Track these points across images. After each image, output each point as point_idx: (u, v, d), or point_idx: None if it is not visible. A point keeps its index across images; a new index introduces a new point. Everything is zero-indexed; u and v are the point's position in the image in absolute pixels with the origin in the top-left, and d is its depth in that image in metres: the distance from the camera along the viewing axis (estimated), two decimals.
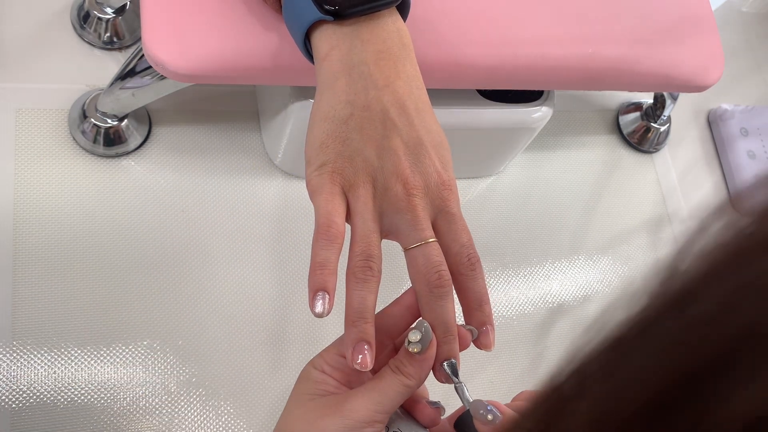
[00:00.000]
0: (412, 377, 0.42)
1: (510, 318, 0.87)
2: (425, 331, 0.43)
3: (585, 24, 0.68)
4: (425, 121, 0.47)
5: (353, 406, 0.41)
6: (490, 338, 0.46)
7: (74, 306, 0.71)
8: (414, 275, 0.45)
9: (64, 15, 0.82)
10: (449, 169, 0.47)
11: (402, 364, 0.43)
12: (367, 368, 0.42)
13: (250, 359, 0.75)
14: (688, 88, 0.75)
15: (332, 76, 0.46)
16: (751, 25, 1.20)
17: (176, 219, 0.78)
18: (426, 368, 0.43)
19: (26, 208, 0.73)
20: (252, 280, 0.78)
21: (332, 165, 0.45)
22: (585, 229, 0.95)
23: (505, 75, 0.66)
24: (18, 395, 0.67)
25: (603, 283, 0.93)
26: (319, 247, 0.43)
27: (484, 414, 0.41)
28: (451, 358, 0.44)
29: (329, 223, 0.44)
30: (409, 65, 0.48)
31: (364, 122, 0.45)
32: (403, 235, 0.45)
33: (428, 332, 0.43)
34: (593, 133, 1.01)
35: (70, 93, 0.78)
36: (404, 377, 0.42)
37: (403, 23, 0.49)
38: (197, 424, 0.71)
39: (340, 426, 0.41)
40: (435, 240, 0.45)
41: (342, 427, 0.41)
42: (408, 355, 0.43)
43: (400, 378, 0.42)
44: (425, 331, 0.43)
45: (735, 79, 1.14)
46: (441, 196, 0.46)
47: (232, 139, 0.83)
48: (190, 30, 0.57)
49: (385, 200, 0.45)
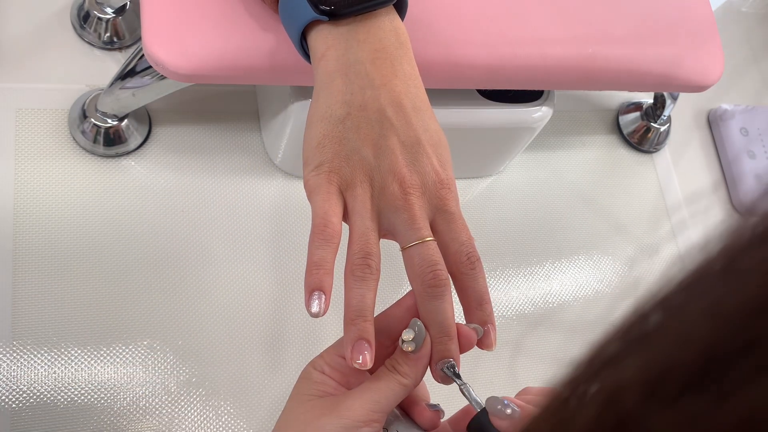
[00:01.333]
0: (408, 376, 0.42)
1: (510, 318, 0.87)
2: (418, 330, 0.43)
3: (585, 24, 0.68)
4: (423, 120, 0.47)
5: (349, 406, 0.41)
6: (491, 338, 0.46)
7: (74, 306, 0.71)
8: (411, 274, 0.45)
9: (64, 15, 0.82)
10: (448, 168, 0.47)
11: (397, 363, 0.43)
12: (367, 367, 0.41)
13: (250, 359, 0.75)
14: (688, 88, 0.75)
15: (329, 76, 0.46)
16: (751, 25, 1.20)
17: (176, 219, 0.78)
18: (421, 367, 0.43)
19: (26, 208, 0.73)
20: (252, 280, 0.78)
21: (329, 165, 0.45)
22: (585, 229, 0.95)
23: (505, 75, 0.66)
24: (18, 395, 0.67)
25: (603, 283, 0.93)
26: (315, 247, 0.43)
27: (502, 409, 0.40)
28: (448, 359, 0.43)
29: (326, 222, 0.44)
30: (406, 64, 0.48)
31: (360, 122, 0.45)
32: (401, 235, 0.45)
33: (421, 331, 0.43)
34: (593, 133, 1.01)
35: (70, 93, 0.78)
36: (400, 376, 0.42)
37: (400, 22, 0.49)
38: (197, 424, 0.71)
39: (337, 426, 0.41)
40: (432, 239, 0.45)
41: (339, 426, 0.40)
42: (403, 354, 0.43)
43: (396, 377, 0.42)
44: (418, 329, 0.43)
45: (735, 79, 1.14)
46: (439, 195, 0.46)
47: (232, 139, 0.83)
48: (190, 30, 0.57)
49: (383, 199, 0.45)
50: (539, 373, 0.85)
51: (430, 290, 0.43)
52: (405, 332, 0.43)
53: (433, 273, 0.43)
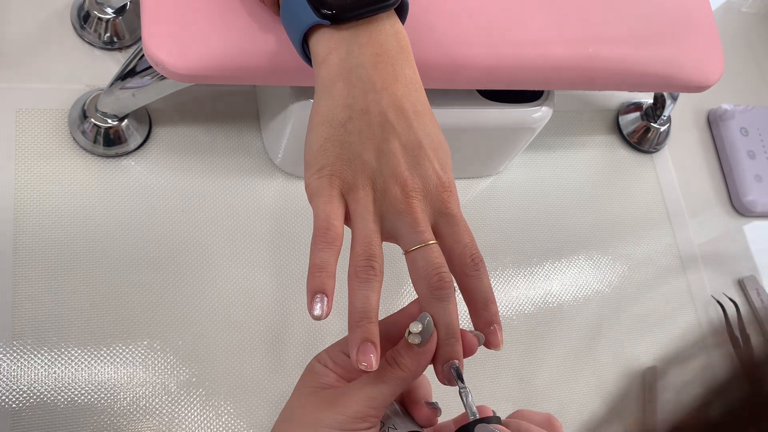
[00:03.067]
0: (408, 369, 0.43)
1: (510, 318, 0.87)
2: (427, 324, 0.43)
3: (585, 24, 0.68)
4: (424, 123, 0.47)
5: (346, 401, 0.41)
6: (498, 338, 0.46)
7: (74, 306, 0.71)
8: (415, 278, 0.45)
9: (64, 15, 0.82)
10: (449, 171, 0.47)
11: (399, 355, 0.43)
12: (373, 369, 0.41)
13: (250, 359, 0.75)
14: (688, 88, 0.75)
15: (330, 80, 0.46)
16: (751, 25, 1.20)
17: (176, 219, 0.78)
18: (423, 362, 0.43)
19: (26, 208, 0.73)
20: (252, 280, 0.78)
21: (331, 168, 0.45)
22: (585, 229, 0.95)
23: (505, 75, 0.66)
24: (18, 395, 0.67)
25: (603, 283, 0.93)
26: (317, 250, 0.43)
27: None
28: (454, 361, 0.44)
29: (328, 225, 0.44)
30: (407, 68, 0.48)
31: (362, 125, 0.45)
32: (403, 238, 0.45)
33: (430, 325, 0.43)
34: (593, 133, 1.01)
35: (70, 93, 0.78)
36: (399, 369, 0.42)
37: (401, 26, 0.49)
38: (197, 424, 0.71)
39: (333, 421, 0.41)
40: (435, 242, 0.45)
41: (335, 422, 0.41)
42: (407, 346, 0.43)
43: (395, 370, 0.42)
44: (427, 323, 0.43)
45: (735, 79, 1.14)
46: (441, 199, 0.46)
47: (232, 139, 0.83)
48: (190, 30, 0.57)
49: (385, 203, 0.45)
50: (540, 374, 0.85)
51: (437, 292, 0.43)
52: (413, 325, 0.43)
53: (438, 275, 0.44)
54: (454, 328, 0.44)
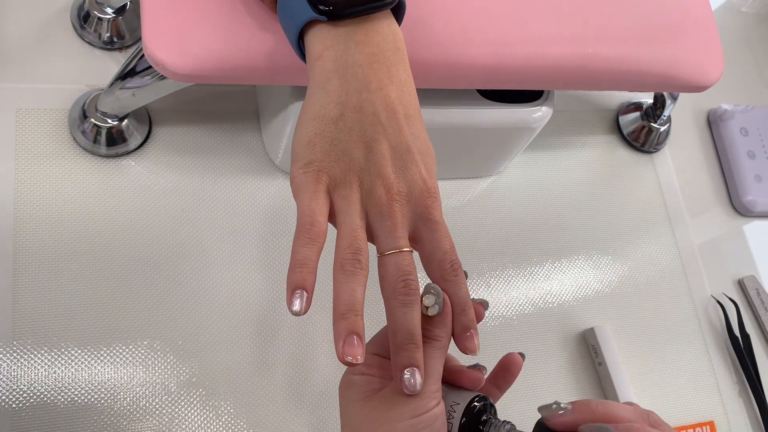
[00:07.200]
0: (442, 337, 0.45)
1: (510, 318, 0.87)
2: (435, 291, 0.45)
3: (585, 24, 0.68)
4: (414, 127, 0.47)
5: None
6: (474, 342, 0.47)
7: (74, 306, 0.71)
8: (383, 282, 0.45)
9: (64, 15, 0.82)
10: (434, 176, 0.48)
11: (428, 331, 0.45)
12: (359, 362, 0.42)
13: (250, 359, 0.75)
14: (688, 88, 0.75)
15: (325, 76, 0.47)
16: (751, 25, 1.20)
17: (176, 218, 0.78)
18: (449, 324, 0.46)
19: (26, 208, 0.73)
20: (252, 280, 0.78)
21: (318, 164, 0.45)
22: (585, 229, 0.95)
23: (505, 75, 0.66)
24: (18, 395, 0.67)
25: (603, 283, 0.93)
26: (299, 245, 0.44)
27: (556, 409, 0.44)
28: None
29: (312, 221, 0.44)
30: (402, 70, 0.48)
31: (354, 124, 0.46)
32: (379, 240, 0.46)
33: (438, 291, 0.45)
34: (593, 133, 1.01)
35: (70, 93, 0.78)
36: (436, 341, 0.45)
37: (397, 27, 0.49)
38: (197, 424, 0.71)
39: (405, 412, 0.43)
40: (409, 249, 0.46)
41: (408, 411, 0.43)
42: (429, 320, 0.45)
43: (433, 344, 0.45)
44: (435, 291, 0.45)
45: (735, 79, 1.14)
46: (425, 204, 0.46)
47: (232, 139, 0.83)
48: (190, 30, 0.57)
49: (369, 202, 0.46)
50: (539, 373, 0.85)
51: (401, 298, 0.44)
52: (426, 298, 0.45)
53: (405, 282, 0.44)
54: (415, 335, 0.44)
